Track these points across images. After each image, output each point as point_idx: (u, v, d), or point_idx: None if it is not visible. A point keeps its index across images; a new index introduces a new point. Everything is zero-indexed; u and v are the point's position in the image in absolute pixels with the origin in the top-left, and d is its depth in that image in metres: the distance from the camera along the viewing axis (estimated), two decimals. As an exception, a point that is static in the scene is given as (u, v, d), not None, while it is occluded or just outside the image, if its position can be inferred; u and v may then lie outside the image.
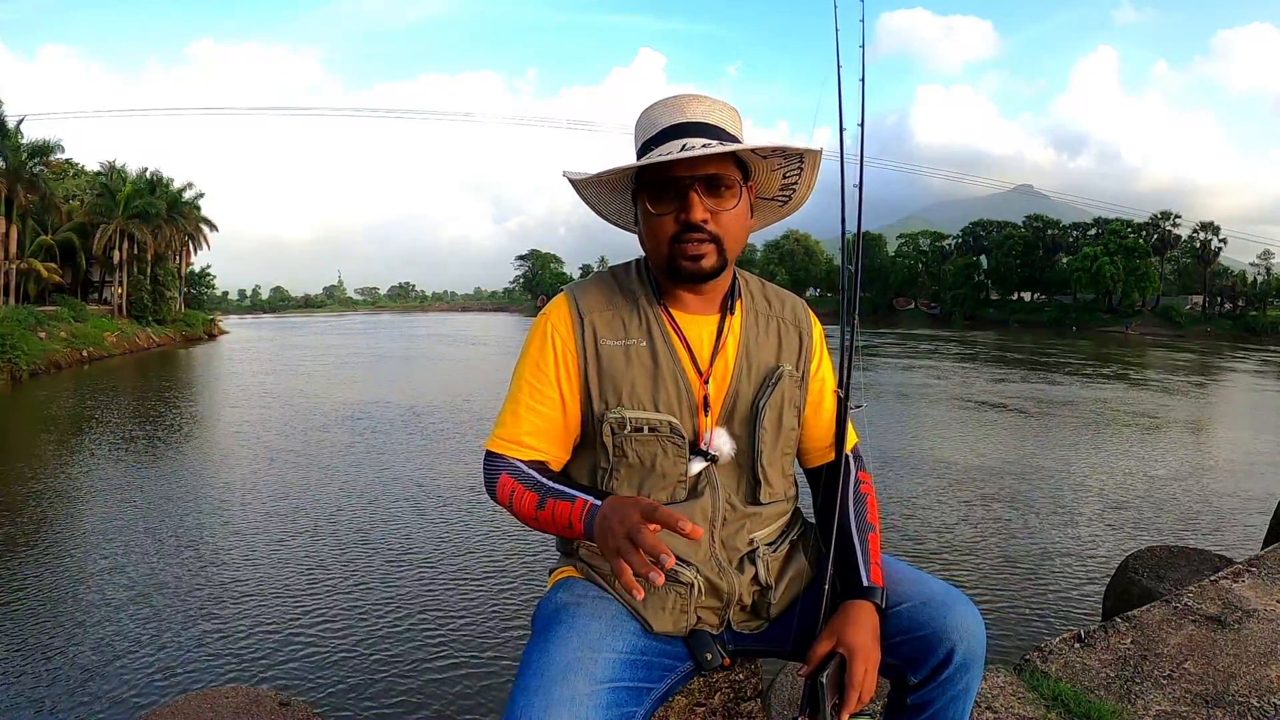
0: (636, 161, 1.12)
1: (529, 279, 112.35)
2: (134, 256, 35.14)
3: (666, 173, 1.09)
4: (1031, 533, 6.62)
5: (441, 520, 6.89)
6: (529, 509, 1.11)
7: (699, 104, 1.14)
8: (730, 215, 1.12)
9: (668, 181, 1.09)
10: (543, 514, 1.10)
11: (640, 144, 1.16)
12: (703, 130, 1.11)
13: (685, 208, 1.09)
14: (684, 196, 1.09)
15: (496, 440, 1.18)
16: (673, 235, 1.11)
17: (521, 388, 1.17)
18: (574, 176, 1.17)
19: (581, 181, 1.19)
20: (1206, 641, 2.24)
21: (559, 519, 1.08)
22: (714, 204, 1.10)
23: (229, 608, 5.01)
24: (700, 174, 1.09)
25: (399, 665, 4.25)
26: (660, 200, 1.11)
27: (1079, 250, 66.26)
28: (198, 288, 50.85)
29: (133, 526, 6.80)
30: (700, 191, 1.09)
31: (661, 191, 1.10)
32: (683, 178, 1.09)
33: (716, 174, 1.10)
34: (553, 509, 1.09)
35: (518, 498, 1.12)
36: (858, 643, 1.07)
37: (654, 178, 1.11)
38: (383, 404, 14.00)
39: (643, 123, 1.17)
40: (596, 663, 1.01)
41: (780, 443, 1.22)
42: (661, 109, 1.15)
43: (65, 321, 26.12)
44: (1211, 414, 15.56)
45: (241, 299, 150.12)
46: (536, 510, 1.10)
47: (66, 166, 36.81)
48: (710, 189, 1.10)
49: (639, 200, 1.15)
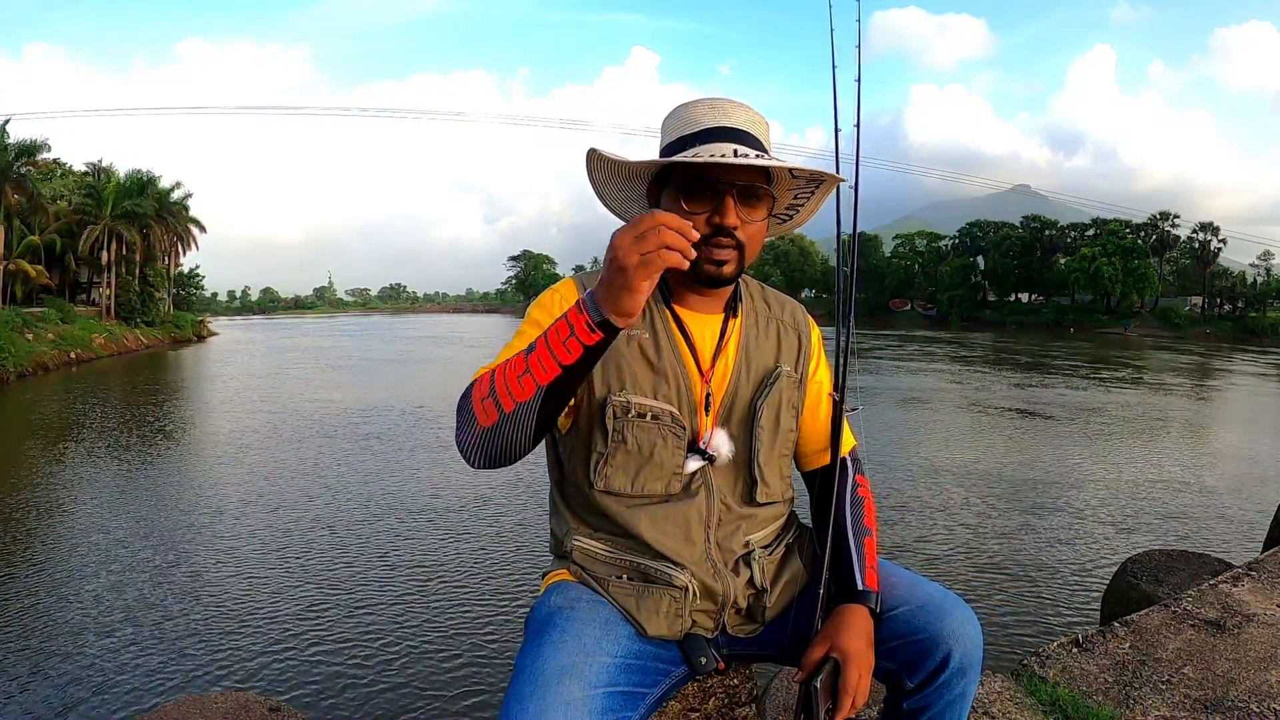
0: (674, 156, 1.09)
1: (521, 280, 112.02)
2: (122, 257, 34.82)
3: (705, 173, 1.08)
4: (1029, 536, 6.61)
5: (433, 524, 6.85)
6: (516, 366, 0.96)
7: (743, 111, 1.14)
8: (756, 227, 1.13)
9: (705, 182, 1.08)
10: (534, 354, 0.95)
11: (675, 138, 1.13)
12: (747, 139, 1.11)
13: (720, 211, 1.08)
14: (720, 199, 1.08)
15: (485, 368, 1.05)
16: (702, 237, 1.08)
17: (522, 333, 1.13)
18: (604, 156, 1.11)
19: (599, 166, 1.14)
20: (1206, 646, 2.23)
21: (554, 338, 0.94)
22: (746, 213, 1.10)
23: (218, 611, 4.97)
24: (740, 182, 1.08)
25: (390, 669, 4.22)
26: (695, 199, 1.09)
27: (1077, 251, 66.24)
28: (186, 289, 50.46)
29: (119, 530, 6.75)
30: (736, 198, 1.09)
31: (696, 191, 1.09)
32: (721, 181, 1.08)
33: (753, 185, 1.09)
34: (544, 339, 0.95)
35: (500, 372, 0.97)
36: (852, 648, 1.06)
37: (689, 175, 1.09)
38: (374, 409, 13.92)
39: (681, 118, 1.15)
40: (590, 667, 1.01)
41: (778, 443, 1.21)
42: (705, 108, 1.14)
43: (53, 323, 25.89)
44: (1210, 416, 15.57)
45: (231, 300, 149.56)
46: (526, 357, 0.95)
47: (54, 166, 36.46)
48: (745, 198, 1.10)
49: (667, 195, 1.12)
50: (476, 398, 0.98)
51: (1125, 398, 17.17)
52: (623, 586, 1.14)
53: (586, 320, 0.91)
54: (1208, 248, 64.22)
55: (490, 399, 0.96)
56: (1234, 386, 22.18)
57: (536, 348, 0.95)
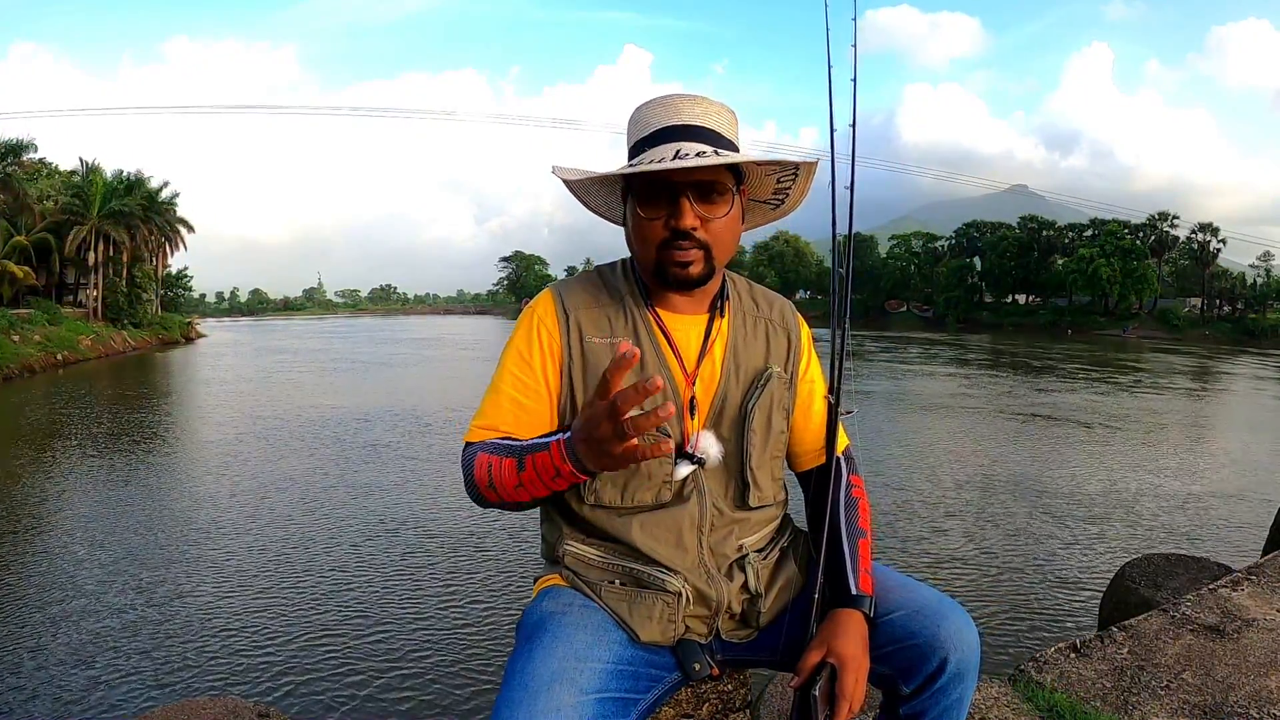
0: (628, 163, 1.10)
1: (513, 281, 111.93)
2: (109, 258, 34.65)
3: (658, 175, 1.07)
4: (1026, 540, 6.60)
5: (423, 528, 6.81)
6: (510, 475, 1.02)
7: (694, 105, 1.12)
8: (721, 223, 1.10)
9: (659, 185, 1.08)
10: (525, 474, 1.01)
11: (632, 143, 1.14)
12: (698, 134, 1.09)
13: (676, 214, 1.07)
14: (675, 202, 1.07)
15: (476, 430, 1.13)
16: (661, 241, 1.09)
17: (505, 377, 1.15)
18: (564, 175, 1.15)
19: (568, 180, 1.17)
20: (1205, 651, 2.21)
21: (543, 472, 0.99)
22: (705, 211, 1.09)
23: (205, 617, 4.93)
24: (693, 180, 1.07)
25: (380, 675, 4.18)
26: (650, 204, 1.09)
27: (1075, 252, 66.13)
28: (174, 290, 50.16)
29: (106, 536, 6.69)
30: (692, 198, 1.07)
31: (652, 195, 1.09)
32: (674, 183, 1.07)
33: (709, 180, 1.08)
34: (533, 464, 1.00)
35: (496, 469, 1.04)
36: (848, 653, 1.05)
37: (644, 181, 1.08)
38: (365, 414, 13.76)
39: (635, 121, 1.15)
40: (582, 673, 0.99)
41: (769, 445, 1.20)
42: (655, 108, 1.13)
43: (39, 325, 25.80)
44: (1210, 419, 15.58)
45: (219, 301, 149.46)
46: (519, 473, 1.01)
47: (40, 166, 36.34)
48: (702, 195, 1.08)
49: (628, 201, 1.13)
50: (480, 483, 1.06)
51: (1124, 401, 17.18)
52: (615, 592, 1.13)
53: (571, 470, 0.96)
54: (1207, 248, 63.95)
55: (491, 490, 1.06)
56: (1233, 389, 22.21)
57: (526, 469, 1.01)
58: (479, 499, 1.09)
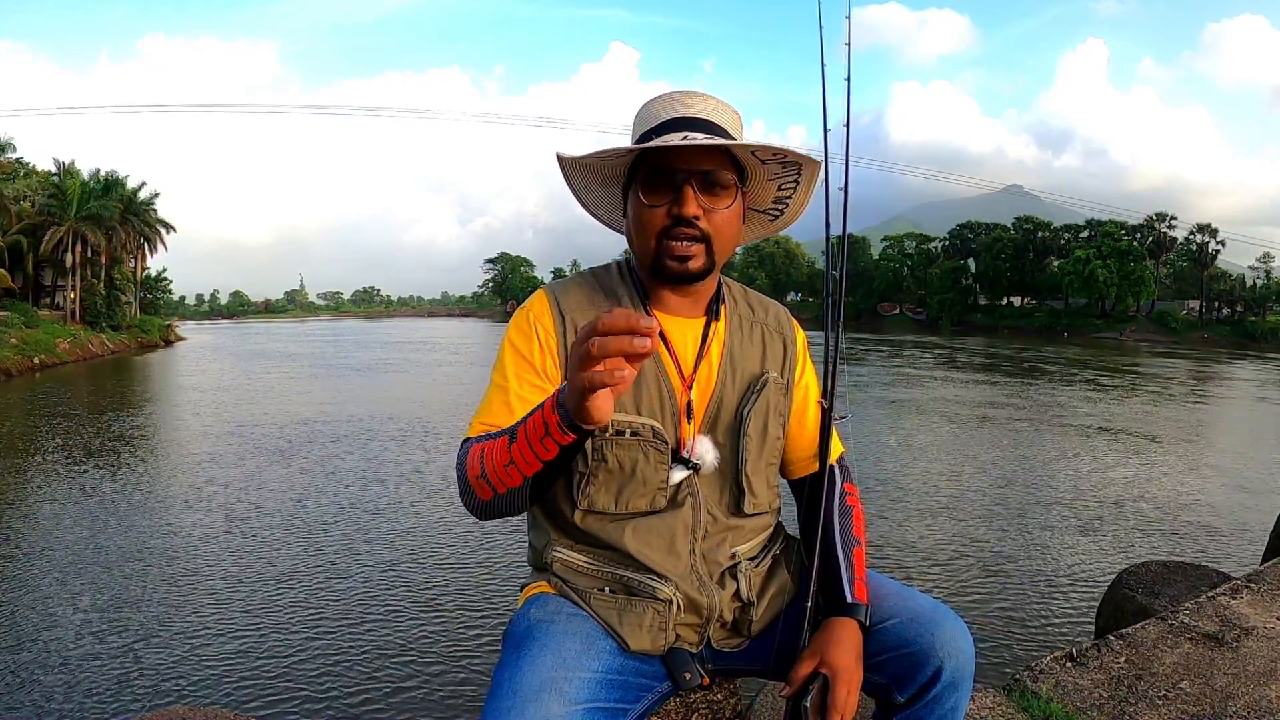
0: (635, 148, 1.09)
1: (498, 283, 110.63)
2: (87, 260, 34.40)
3: (663, 163, 1.07)
4: (1022, 547, 6.57)
5: (407, 534, 6.74)
6: (501, 453, 0.96)
7: (703, 101, 1.13)
8: (723, 216, 1.10)
9: (663, 173, 1.08)
10: (516, 445, 0.94)
11: (639, 135, 1.14)
12: (706, 127, 1.10)
13: (679, 201, 1.07)
14: (678, 189, 1.07)
15: (476, 425, 1.10)
16: (662, 229, 1.09)
17: (506, 374, 1.12)
18: (568, 156, 1.13)
19: (572, 168, 1.15)
20: (1203, 660, 2.19)
21: (533, 435, 0.91)
22: (708, 201, 1.08)
23: (181, 624, 4.87)
24: (697, 169, 1.07)
25: (361, 684, 4.13)
26: (654, 191, 1.09)
27: (1071, 253, 65.33)
28: (154, 292, 49.89)
29: (80, 543, 6.59)
30: (695, 187, 1.07)
31: (656, 183, 1.08)
32: (679, 170, 1.07)
33: (713, 171, 1.08)
34: (524, 433, 0.93)
35: (489, 451, 0.98)
36: (840, 663, 1.04)
37: (649, 168, 1.09)
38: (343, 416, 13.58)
39: (643, 114, 1.15)
40: (571, 683, 0.98)
41: (765, 452, 1.19)
42: (664, 102, 1.14)
43: (16, 328, 25.60)
44: (1208, 424, 15.56)
45: (199, 304, 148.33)
46: (510, 447, 0.95)
47: (17, 166, 35.92)
48: (705, 186, 1.08)
49: (631, 191, 1.12)
50: (472, 474, 1.01)
51: (1121, 406, 17.18)
52: (604, 599, 1.11)
53: (558, 421, 0.88)
54: (1206, 250, 63.15)
55: (483, 480, 0.99)
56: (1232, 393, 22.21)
57: (518, 438, 0.94)
58: (471, 499, 1.03)
